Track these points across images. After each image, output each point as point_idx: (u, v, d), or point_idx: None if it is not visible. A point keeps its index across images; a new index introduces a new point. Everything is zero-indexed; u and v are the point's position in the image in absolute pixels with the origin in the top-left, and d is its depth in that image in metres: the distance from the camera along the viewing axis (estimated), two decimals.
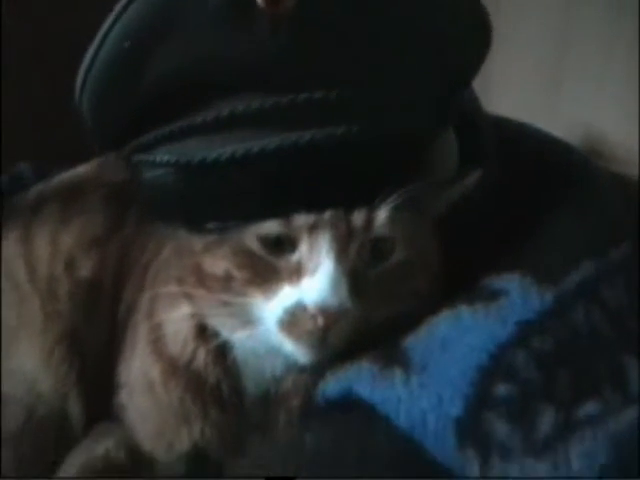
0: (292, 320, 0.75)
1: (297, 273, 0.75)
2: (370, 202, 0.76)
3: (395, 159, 0.76)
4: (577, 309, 0.72)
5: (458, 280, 0.79)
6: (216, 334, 0.83)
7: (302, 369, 0.81)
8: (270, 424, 0.82)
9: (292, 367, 0.81)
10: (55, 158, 1.11)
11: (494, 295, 0.75)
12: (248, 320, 0.79)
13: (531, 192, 0.87)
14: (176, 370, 0.84)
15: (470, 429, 0.65)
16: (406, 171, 0.77)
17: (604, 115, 1.14)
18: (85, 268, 0.94)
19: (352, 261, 0.75)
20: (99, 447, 0.86)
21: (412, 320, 0.76)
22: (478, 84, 0.87)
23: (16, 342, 0.92)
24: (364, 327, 0.76)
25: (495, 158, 0.85)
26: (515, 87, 1.31)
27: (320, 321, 0.73)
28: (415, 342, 0.73)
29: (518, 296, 0.74)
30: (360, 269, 0.76)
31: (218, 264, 0.79)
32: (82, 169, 1.05)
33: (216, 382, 0.83)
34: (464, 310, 0.74)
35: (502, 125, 0.94)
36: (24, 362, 0.91)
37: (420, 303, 0.78)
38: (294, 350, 0.77)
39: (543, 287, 0.73)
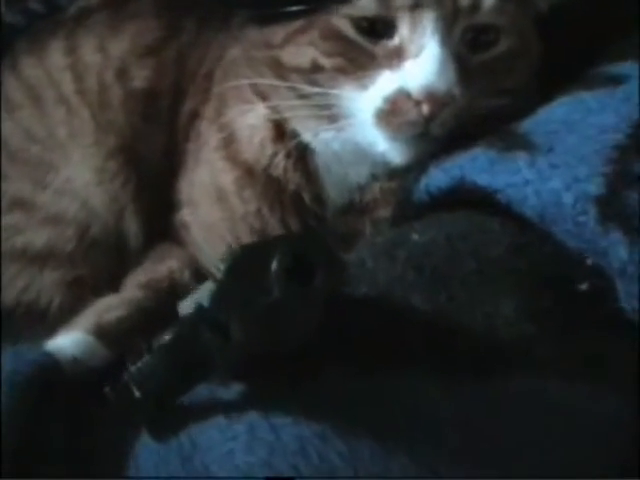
0: (392, 109, 0.65)
1: (397, 57, 0.65)
2: None
3: None
4: None
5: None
6: (296, 136, 0.72)
7: (391, 175, 0.71)
8: (354, 236, 0.71)
9: (378, 174, 0.72)
10: None
11: (615, 80, 0.66)
12: (336, 116, 0.69)
13: None
14: (252, 177, 0.73)
15: (614, 208, 0.56)
16: None
17: None
18: (139, 78, 0.83)
19: (457, 45, 0.65)
20: (161, 267, 0.76)
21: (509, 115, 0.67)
22: None
23: (65, 157, 0.81)
24: (465, 120, 0.66)
25: None
26: None
27: (425, 108, 0.64)
28: (533, 126, 0.64)
29: None
30: (464, 55, 0.66)
31: (303, 54, 0.69)
32: None
33: (296, 189, 0.73)
34: (584, 94, 0.65)
35: None
36: (75, 177, 0.80)
37: (517, 98, 0.69)
38: (389, 148, 0.68)
39: None
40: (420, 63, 0.64)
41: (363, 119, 0.67)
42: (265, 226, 0.73)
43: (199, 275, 0.77)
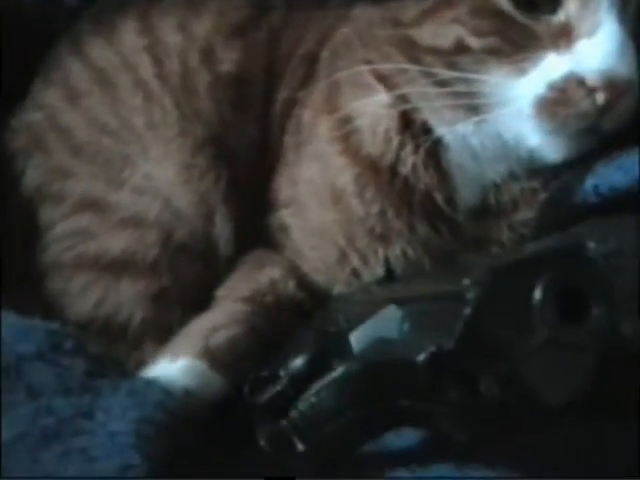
0: (559, 98, 0.55)
1: (565, 37, 0.56)
2: None
3: None
4: None
5: None
6: (427, 129, 0.62)
7: (531, 173, 0.61)
8: (488, 242, 0.60)
9: (518, 173, 0.63)
10: None
11: None
12: (479, 105, 0.58)
13: None
14: (376, 174, 0.63)
15: None
16: None
17: None
18: (227, 61, 0.72)
19: (632, 23, 0.55)
20: (262, 277, 0.65)
21: None
22: None
23: (143, 150, 0.69)
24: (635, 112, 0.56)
25: None
26: None
27: (601, 97, 0.54)
28: None
29: None
30: (638, 35, 0.56)
31: (445, 32, 0.59)
32: None
33: (427, 189, 0.62)
34: None
35: None
36: (155, 174, 0.69)
37: None
38: (545, 142, 0.59)
39: None
40: (596, 44, 0.54)
41: (517, 109, 0.57)
42: (388, 230, 0.63)
43: (305, 285, 0.66)
